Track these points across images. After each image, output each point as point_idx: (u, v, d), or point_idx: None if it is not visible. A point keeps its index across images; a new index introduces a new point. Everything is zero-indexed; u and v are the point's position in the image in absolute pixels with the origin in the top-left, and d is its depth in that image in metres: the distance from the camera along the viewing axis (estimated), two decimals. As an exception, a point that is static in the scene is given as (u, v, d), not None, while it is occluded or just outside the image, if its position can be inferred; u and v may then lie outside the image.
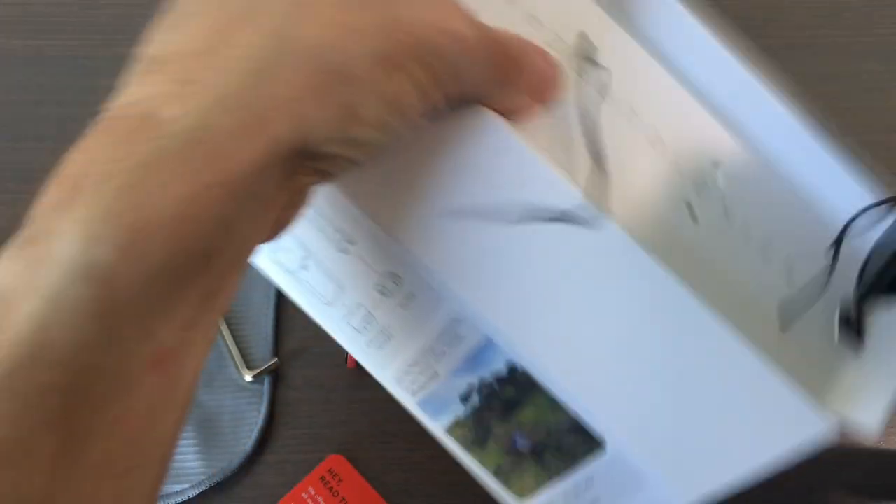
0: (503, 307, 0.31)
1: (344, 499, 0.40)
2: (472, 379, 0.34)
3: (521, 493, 0.35)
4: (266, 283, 0.46)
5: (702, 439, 0.29)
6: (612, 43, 0.34)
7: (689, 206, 0.34)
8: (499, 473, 0.35)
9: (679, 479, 0.30)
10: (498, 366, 0.33)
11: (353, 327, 0.36)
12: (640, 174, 0.33)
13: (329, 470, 0.40)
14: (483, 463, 0.35)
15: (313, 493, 0.40)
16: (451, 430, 0.35)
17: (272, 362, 0.43)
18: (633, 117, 0.34)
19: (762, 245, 0.35)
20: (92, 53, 0.56)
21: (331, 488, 0.40)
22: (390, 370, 0.36)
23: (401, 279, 0.33)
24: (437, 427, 0.36)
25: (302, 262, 0.36)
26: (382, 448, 0.41)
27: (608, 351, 0.30)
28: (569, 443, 0.32)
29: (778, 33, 0.59)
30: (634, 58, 0.36)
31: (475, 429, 0.35)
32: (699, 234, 0.34)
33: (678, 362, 0.29)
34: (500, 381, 0.33)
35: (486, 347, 0.33)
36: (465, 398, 0.34)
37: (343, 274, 0.35)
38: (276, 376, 0.43)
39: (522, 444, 0.34)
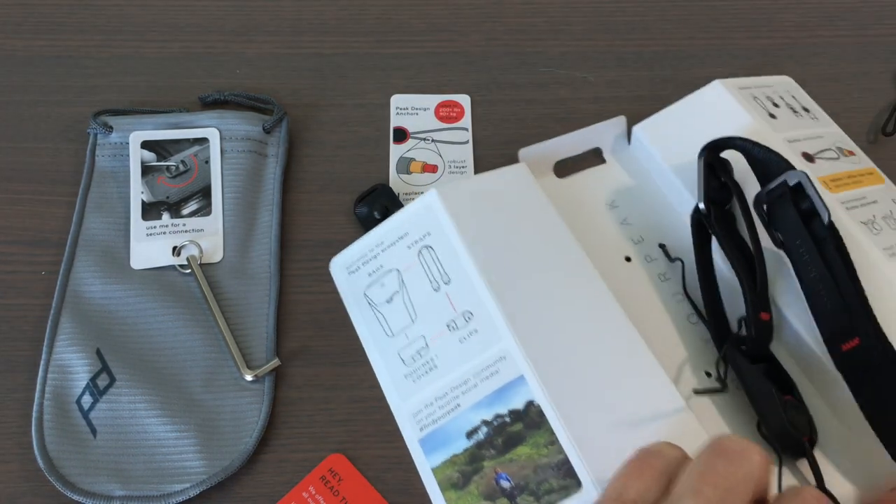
0: (552, 362, 0.38)
1: (344, 498, 0.40)
2: (487, 414, 0.38)
3: None
4: (266, 283, 0.46)
5: None
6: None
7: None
8: (449, 486, 0.38)
9: None
10: (517, 401, 0.37)
11: (402, 359, 0.41)
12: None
13: (329, 469, 0.41)
14: (440, 482, 0.39)
15: (314, 492, 0.40)
16: (440, 468, 0.39)
17: (273, 362, 0.43)
18: None
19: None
20: (92, 53, 0.57)
21: (331, 488, 0.40)
22: (412, 402, 0.41)
23: (472, 316, 0.40)
24: (425, 465, 0.39)
25: (390, 297, 0.42)
26: (383, 447, 0.41)
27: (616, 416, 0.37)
28: (549, 482, 0.36)
29: (778, 33, 0.59)
30: None
31: (465, 465, 0.38)
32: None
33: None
34: (514, 414, 0.37)
35: (514, 383, 0.38)
36: (470, 433, 0.38)
37: (423, 308, 0.41)
38: (276, 376, 0.43)
39: (505, 483, 0.37)
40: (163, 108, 0.52)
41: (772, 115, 0.48)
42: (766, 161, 0.42)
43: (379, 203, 0.48)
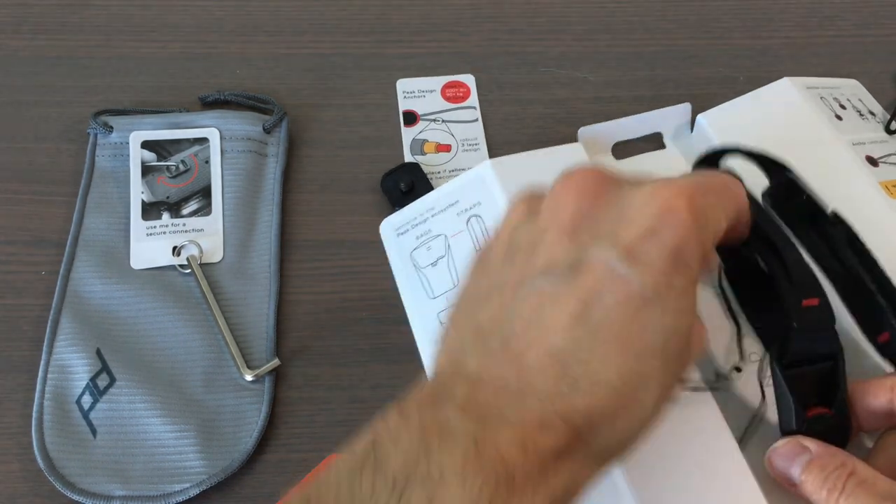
0: None
1: (344, 498, 0.40)
2: None
3: None
4: (266, 283, 0.46)
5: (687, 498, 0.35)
6: None
7: None
8: None
9: None
10: None
11: (440, 321, 0.42)
12: None
13: (329, 470, 0.41)
14: None
15: (314, 492, 0.40)
16: None
17: (273, 362, 0.43)
18: None
19: None
20: (92, 53, 0.56)
21: (331, 488, 0.40)
22: None
23: None
24: None
25: (435, 260, 0.42)
26: (383, 448, 0.41)
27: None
28: None
29: (778, 33, 0.59)
30: None
31: None
32: None
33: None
34: None
35: None
36: None
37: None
38: (276, 376, 0.43)
39: None
40: (163, 108, 0.52)
41: (838, 117, 0.48)
42: (763, 164, 0.42)
43: (406, 177, 0.49)
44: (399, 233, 0.45)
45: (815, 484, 0.34)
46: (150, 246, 0.47)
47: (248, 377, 0.42)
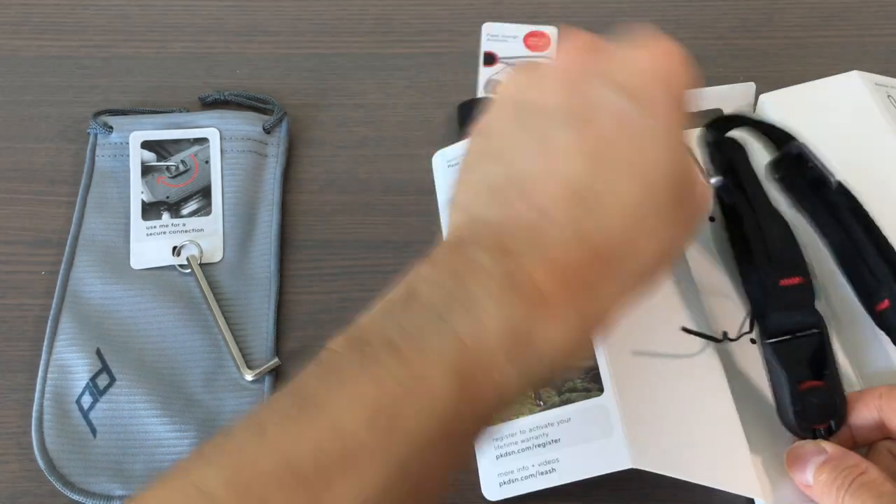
0: None
1: (344, 498, 0.40)
2: None
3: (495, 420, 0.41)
4: (266, 283, 0.46)
5: (672, 431, 0.38)
6: None
7: None
8: None
9: (636, 445, 0.36)
10: None
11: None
12: None
13: (329, 470, 0.40)
14: None
15: (314, 492, 0.40)
16: None
17: (273, 362, 0.43)
18: None
19: None
20: (92, 53, 0.56)
21: (331, 488, 0.40)
22: None
23: None
24: None
25: None
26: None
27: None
28: (573, 381, 0.39)
29: (778, 33, 0.59)
30: None
31: None
32: None
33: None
34: None
35: None
36: None
37: None
38: (276, 376, 0.43)
39: None
40: (163, 108, 0.52)
41: None
42: (771, 135, 0.43)
43: (476, 111, 0.50)
44: (450, 164, 0.48)
45: (827, 483, 0.35)
46: (150, 246, 0.47)
47: (248, 377, 0.42)
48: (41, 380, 0.42)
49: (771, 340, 0.39)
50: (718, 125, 0.44)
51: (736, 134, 0.45)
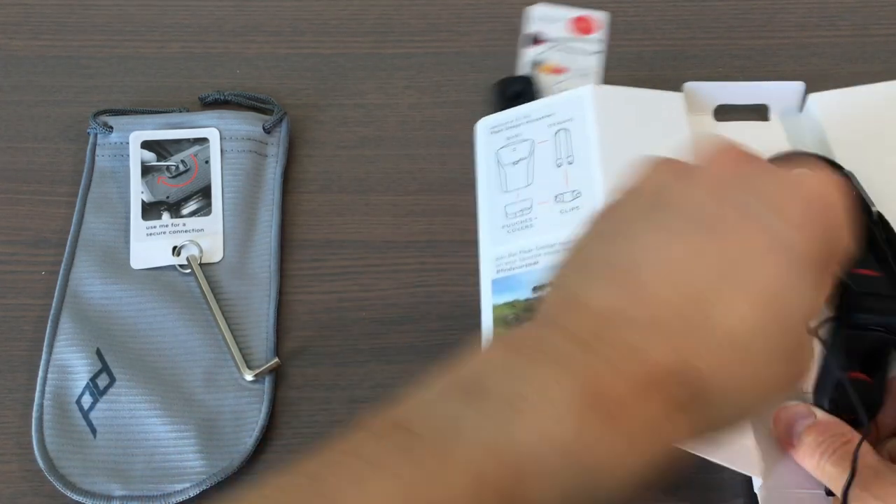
0: None
1: (344, 498, 0.40)
2: None
3: None
4: (266, 283, 0.46)
5: None
6: None
7: None
8: (501, 322, 0.42)
9: None
10: None
11: (507, 212, 0.46)
12: None
13: (329, 470, 0.41)
14: (495, 317, 0.43)
15: (314, 492, 0.40)
16: (500, 307, 0.43)
17: (273, 362, 0.43)
18: None
19: None
20: (92, 53, 0.56)
21: (331, 488, 0.40)
22: (500, 249, 0.45)
23: (580, 195, 0.44)
24: (490, 301, 0.43)
25: (517, 160, 0.47)
26: (383, 448, 0.41)
27: None
28: None
29: (778, 33, 0.59)
30: None
31: (522, 311, 0.42)
32: None
33: None
34: None
35: None
36: (537, 288, 0.42)
37: (541, 177, 0.46)
38: (276, 376, 0.43)
39: None
40: (163, 108, 0.52)
41: None
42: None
43: (517, 86, 0.52)
44: (493, 131, 0.49)
45: (811, 446, 0.35)
46: (150, 246, 0.47)
47: (248, 377, 0.42)
48: (41, 380, 0.42)
49: (845, 328, 0.38)
50: (780, 160, 0.45)
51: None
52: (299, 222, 0.49)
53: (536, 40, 0.55)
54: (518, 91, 0.52)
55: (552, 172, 0.46)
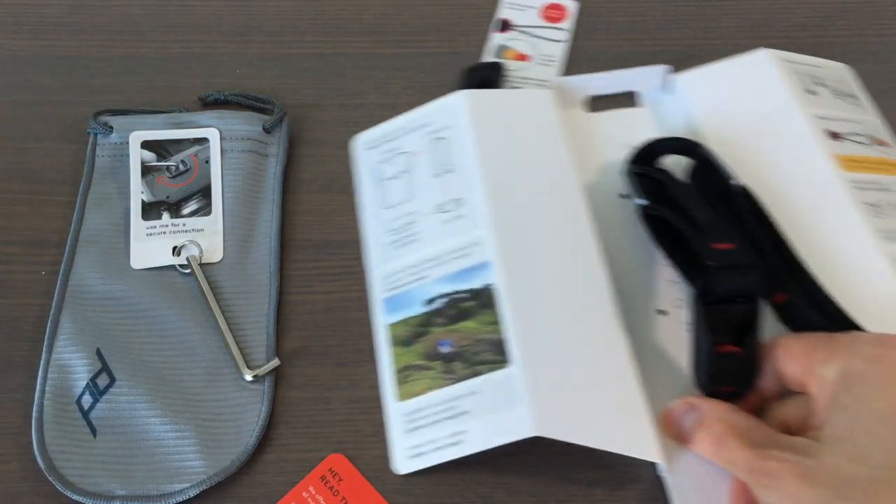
0: (519, 258, 0.43)
1: (344, 498, 0.40)
2: (448, 288, 0.43)
3: (406, 396, 0.42)
4: (266, 283, 0.46)
5: (575, 399, 0.39)
6: None
7: None
8: (402, 372, 0.42)
9: (539, 413, 0.37)
10: (477, 282, 0.42)
11: (391, 228, 0.46)
12: None
13: (329, 469, 0.41)
14: (397, 360, 0.43)
15: (314, 492, 0.40)
16: (395, 326, 0.43)
17: (273, 362, 0.43)
18: None
19: None
20: (92, 53, 0.56)
21: (331, 487, 0.40)
22: (388, 266, 0.45)
23: (461, 203, 0.45)
24: (383, 321, 0.44)
25: (396, 174, 0.47)
26: (382, 447, 0.41)
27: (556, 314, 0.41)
28: (483, 355, 0.40)
29: (778, 33, 0.59)
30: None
31: (417, 327, 0.43)
32: None
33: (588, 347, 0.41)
34: (471, 293, 0.42)
35: (480, 266, 0.43)
36: (429, 302, 0.43)
37: (421, 189, 0.46)
38: (276, 376, 0.43)
39: (445, 348, 0.41)
40: (163, 108, 0.52)
41: (810, 92, 0.49)
42: (683, 149, 0.45)
43: (482, 73, 0.53)
44: (369, 147, 0.50)
45: (704, 440, 0.37)
46: (150, 246, 0.47)
47: (248, 377, 0.42)
48: (41, 380, 0.42)
49: (708, 305, 0.40)
50: (638, 159, 0.46)
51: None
52: (299, 222, 0.49)
53: (506, 26, 0.55)
54: (483, 78, 0.52)
55: (433, 183, 0.46)
